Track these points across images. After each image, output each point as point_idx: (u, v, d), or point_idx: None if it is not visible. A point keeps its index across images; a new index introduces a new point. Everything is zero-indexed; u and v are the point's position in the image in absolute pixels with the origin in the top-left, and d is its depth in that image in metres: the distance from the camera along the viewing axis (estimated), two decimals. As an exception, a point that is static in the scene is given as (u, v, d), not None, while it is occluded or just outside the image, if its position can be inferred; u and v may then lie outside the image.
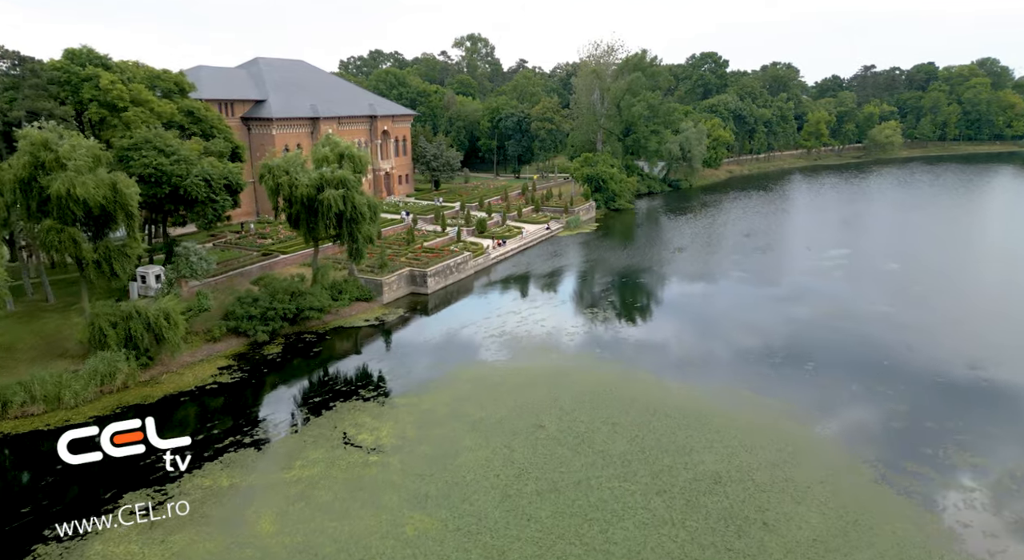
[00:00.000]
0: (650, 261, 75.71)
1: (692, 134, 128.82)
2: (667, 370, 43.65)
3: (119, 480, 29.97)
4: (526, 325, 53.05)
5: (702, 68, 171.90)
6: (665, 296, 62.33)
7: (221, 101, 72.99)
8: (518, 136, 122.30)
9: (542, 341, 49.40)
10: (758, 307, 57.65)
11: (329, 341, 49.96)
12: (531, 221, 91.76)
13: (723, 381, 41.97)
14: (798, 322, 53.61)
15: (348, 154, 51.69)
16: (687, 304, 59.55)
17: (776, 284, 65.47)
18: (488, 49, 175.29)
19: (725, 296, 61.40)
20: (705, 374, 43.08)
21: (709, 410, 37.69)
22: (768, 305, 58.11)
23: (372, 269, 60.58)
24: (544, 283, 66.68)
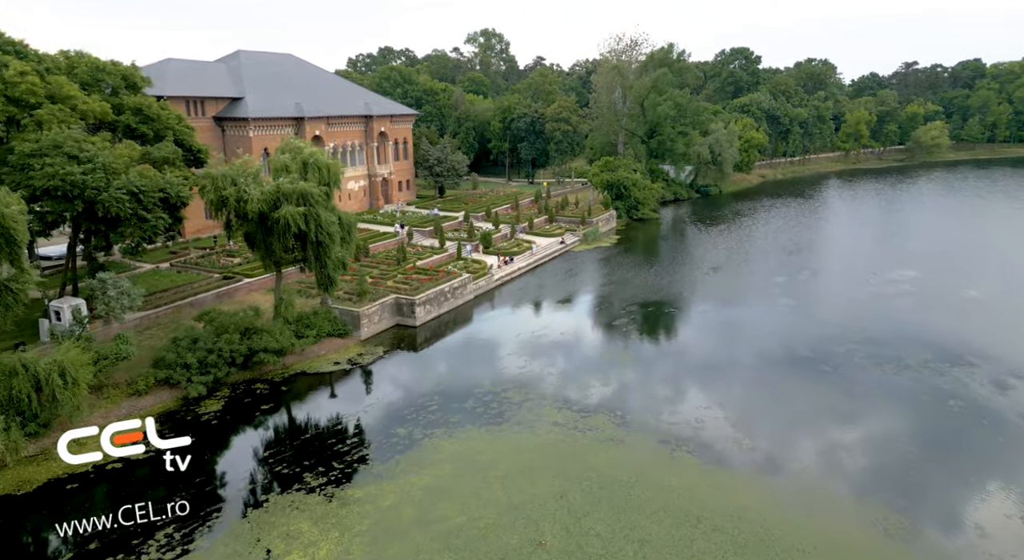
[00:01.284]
0: (680, 284, 65.15)
1: (722, 135, 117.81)
2: (713, 451, 33.18)
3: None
4: (529, 371, 43.03)
5: (732, 65, 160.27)
6: (703, 335, 51.63)
7: (189, 98, 64.07)
8: (531, 138, 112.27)
9: (549, 397, 39.29)
10: (826, 354, 46.46)
11: (286, 392, 40.36)
12: (544, 233, 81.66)
13: (794, 472, 31.49)
14: (888, 381, 41.69)
15: (313, 162, 42.08)
16: (731, 348, 48.68)
17: (841, 320, 53.91)
18: (503, 45, 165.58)
19: (777, 337, 50.51)
20: (767, 460, 32.56)
21: (777, 520, 27.29)
22: (839, 352, 46.46)
23: (350, 297, 50.96)
24: (554, 313, 56.51)
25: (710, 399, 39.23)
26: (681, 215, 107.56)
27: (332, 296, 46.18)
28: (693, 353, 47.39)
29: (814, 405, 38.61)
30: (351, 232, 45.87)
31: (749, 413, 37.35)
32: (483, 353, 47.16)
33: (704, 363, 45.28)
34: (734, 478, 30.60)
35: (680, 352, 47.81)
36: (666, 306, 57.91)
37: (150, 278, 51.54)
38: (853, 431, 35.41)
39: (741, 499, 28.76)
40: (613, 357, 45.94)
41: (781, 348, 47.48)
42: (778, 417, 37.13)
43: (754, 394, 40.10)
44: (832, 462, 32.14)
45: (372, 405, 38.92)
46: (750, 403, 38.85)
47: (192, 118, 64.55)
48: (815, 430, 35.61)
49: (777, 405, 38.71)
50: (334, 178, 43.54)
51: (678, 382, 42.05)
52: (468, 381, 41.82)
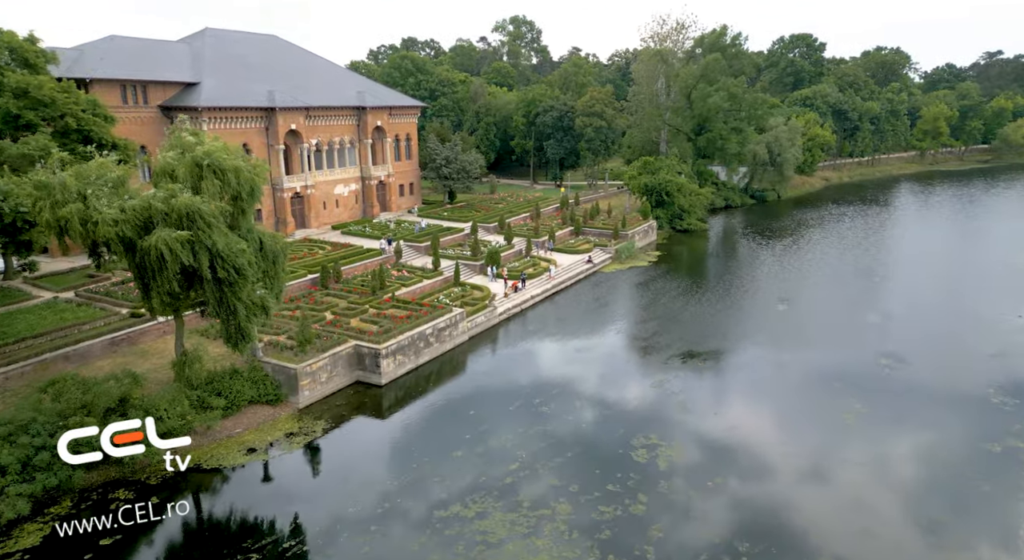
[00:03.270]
0: (743, 323, 49.95)
1: (783, 132, 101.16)
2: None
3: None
4: (530, 474, 28.90)
5: (791, 53, 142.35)
6: (786, 420, 36.53)
7: (126, 82, 51.88)
8: (559, 135, 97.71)
9: (562, 526, 25.09)
10: (987, 462, 31.21)
11: (158, 506, 27.04)
12: (568, 249, 67.25)
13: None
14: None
15: (210, 164, 28.67)
16: (844, 446, 33.67)
17: (998, 391, 38.53)
18: (534, 33, 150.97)
19: (902, 423, 35.17)
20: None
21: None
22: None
23: (292, 348, 37.60)
24: (573, 365, 42.09)
25: (812, 534, 24.36)
26: (734, 225, 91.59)
27: (244, 352, 32.74)
28: (775, 451, 32.38)
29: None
30: (278, 263, 32.41)
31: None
32: (472, 433, 33.17)
33: (798, 473, 30.26)
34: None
35: (752, 447, 32.83)
36: (730, 361, 42.84)
37: (35, 314, 39.13)
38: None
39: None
40: (654, 454, 31.32)
41: (920, 452, 32.11)
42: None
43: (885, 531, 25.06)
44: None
45: (289, 532, 25.31)
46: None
47: (128, 107, 52.43)
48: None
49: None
50: (247, 188, 30.09)
51: (754, 500, 27.25)
52: (447, 488, 27.94)
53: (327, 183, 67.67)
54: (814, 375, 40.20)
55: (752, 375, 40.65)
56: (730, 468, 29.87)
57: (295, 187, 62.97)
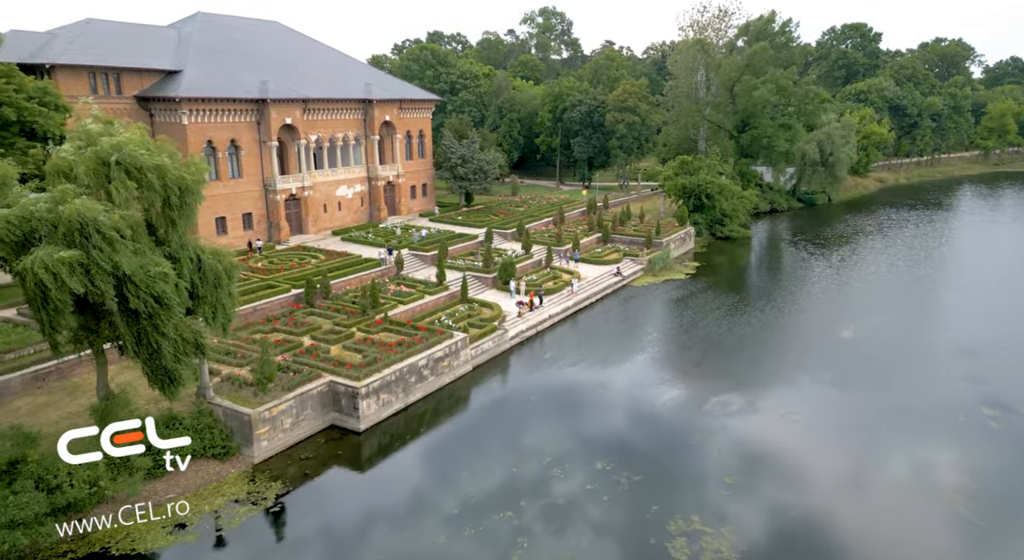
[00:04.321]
0: (802, 356, 41.71)
1: (835, 129, 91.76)
2: None
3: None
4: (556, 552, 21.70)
5: (843, 44, 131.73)
6: (875, 502, 28.28)
7: (95, 69, 46.13)
8: (587, 131, 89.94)
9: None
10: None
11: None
12: (594, 259, 59.66)
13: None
14: None
15: (125, 161, 22.07)
16: (945, 550, 25.57)
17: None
18: (565, 25, 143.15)
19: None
20: None
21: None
22: None
23: (251, 386, 30.96)
24: (591, 414, 34.58)
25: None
26: (781, 232, 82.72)
27: (174, 398, 26.02)
28: (869, 549, 24.43)
29: None
30: (222, 285, 25.68)
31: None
32: (462, 507, 26.04)
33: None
34: None
35: (843, 546, 24.92)
36: (790, 406, 34.77)
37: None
38: None
39: None
40: (703, 544, 23.69)
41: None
42: None
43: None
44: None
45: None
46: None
47: (98, 97, 46.62)
48: None
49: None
50: (175, 192, 23.43)
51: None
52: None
53: (328, 184, 61.34)
54: (900, 431, 31.93)
55: (820, 429, 32.56)
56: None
57: (290, 188, 56.74)
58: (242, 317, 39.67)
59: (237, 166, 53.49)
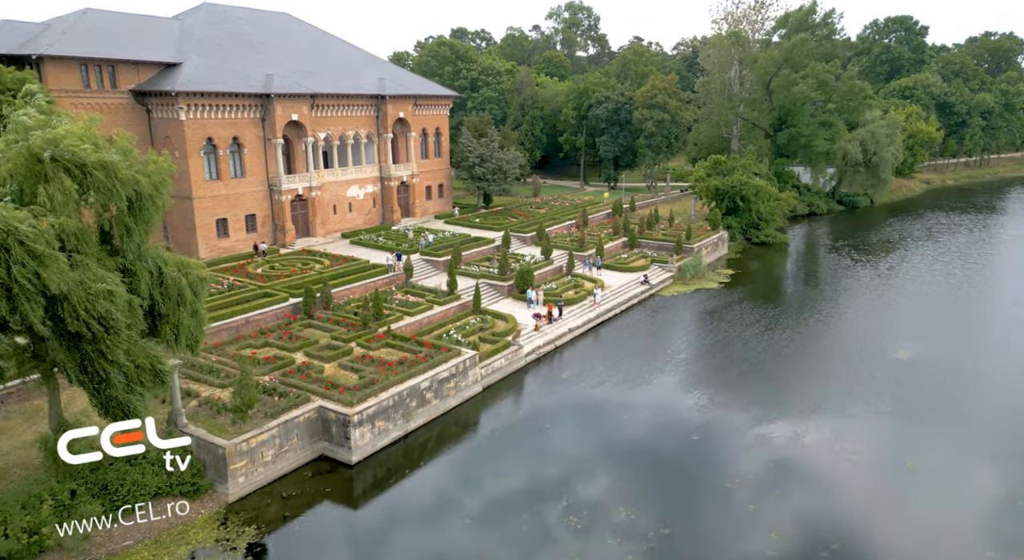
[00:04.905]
0: (854, 380, 36.94)
1: (880, 128, 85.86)
2: None
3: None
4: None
5: (887, 38, 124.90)
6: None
7: (87, 61, 43.33)
8: (614, 129, 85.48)
9: None
10: None
11: None
12: (619, 266, 55.46)
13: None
14: None
15: (64, 158, 18.73)
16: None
17: None
18: (592, 20, 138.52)
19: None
20: None
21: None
22: None
23: (231, 412, 27.53)
24: (614, 450, 30.46)
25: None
26: (820, 237, 77.43)
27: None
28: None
29: None
30: (185, 302, 22.24)
31: None
32: (475, 551, 22.31)
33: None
34: None
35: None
36: (846, 443, 30.24)
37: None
38: None
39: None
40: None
41: None
42: None
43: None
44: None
45: None
46: None
47: (90, 92, 44.05)
48: None
49: None
50: (129, 194, 20.04)
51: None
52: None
53: (338, 184, 58.09)
54: (984, 479, 27.25)
55: (885, 472, 27.98)
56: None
57: (296, 189, 53.58)
58: (233, 329, 36.49)
59: (240, 165, 50.49)
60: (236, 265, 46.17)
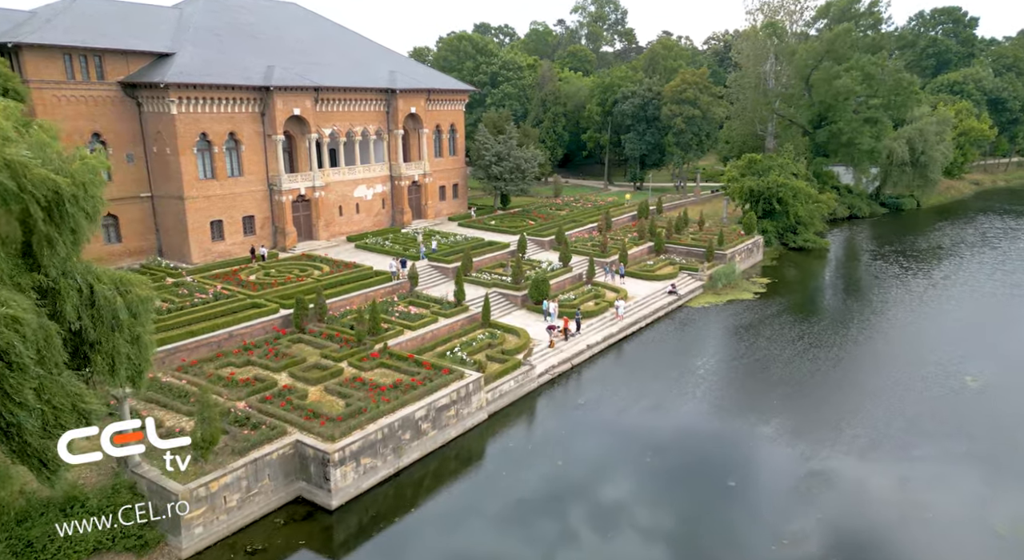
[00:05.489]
0: (918, 411, 32.02)
1: (929, 125, 79.95)
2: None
3: None
4: None
5: (933, 31, 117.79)
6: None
7: (72, 51, 40.27)
8: (640, 126, 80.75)
9: None
10: None
11: None
12: (644, 273, 51.02)
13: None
14: None
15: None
16: None
17: None
18: (618, 14, 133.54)
19: None
20: None
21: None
22: None
23: (197, 447, 23.84)
24: (639, 500, 26.18)
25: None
26: (863, 243, 71.89)
27: (52, 482, 18.98)
28: None
29: None
30: (121, 327, 18.56)
31: None
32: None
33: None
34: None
35: None
36: (921, 494, 25.54)
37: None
38: None
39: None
40: None
41: None
42: None
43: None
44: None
45: None
46: None
47: (75, 83, 41.03)
48: None
49: None
50: (43, 197, 16.39)
51: None
52: None
53: (344, 184, 54.58)
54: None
55: (970, 543, 23.20)
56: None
57: (298, 188, 50.15)
58: (214, 345, 33.01)
59: (237, 163, 47.20)
60: (229, 271, 42.79)
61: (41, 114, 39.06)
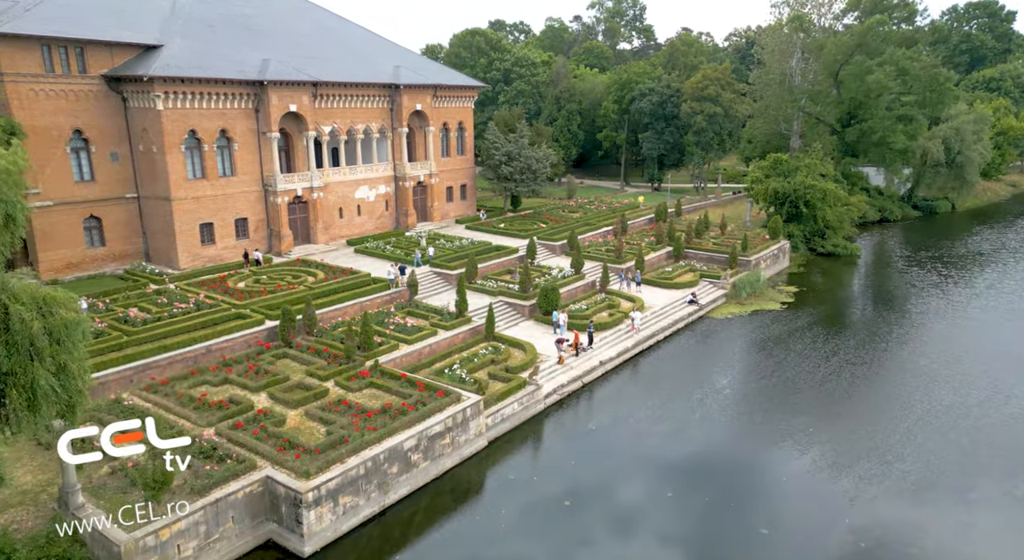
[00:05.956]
0: (968, 448, 28.21)
1: (966, 123, 75.42)
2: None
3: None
4: None
5: (968, 25, 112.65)
6: None
7: (51, 41, 37.75)
8: (659, 125, 77.14)
9: None
10: None
11: None
12: (662, 281, 47.58)
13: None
14: None
15: None
16: None
17: None
18: (637, 10, 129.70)
19: None
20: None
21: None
22: None
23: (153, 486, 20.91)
24: (653, 535, 22.82)
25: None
26: (896, 248, 67.71)
27: None
28: None
29: None
30: (42, 354, 15.67)
31: None
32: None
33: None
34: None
35: None
36: (984, 553, 22.00)
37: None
38: None
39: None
40: None
41: None
42: None
43: None
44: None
45: None
46: None
47: (54, 77, 38.55)
48: None
49: None
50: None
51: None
52: None
53: (344, 184, 51.74)
54: None
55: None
56: None
57: (295, 189, 47.37)
58: (190, 360, 30.20)
59: (229, 162, 44.54)
60: (217, 278, 40.04)
61: (17, 110, 36.76)
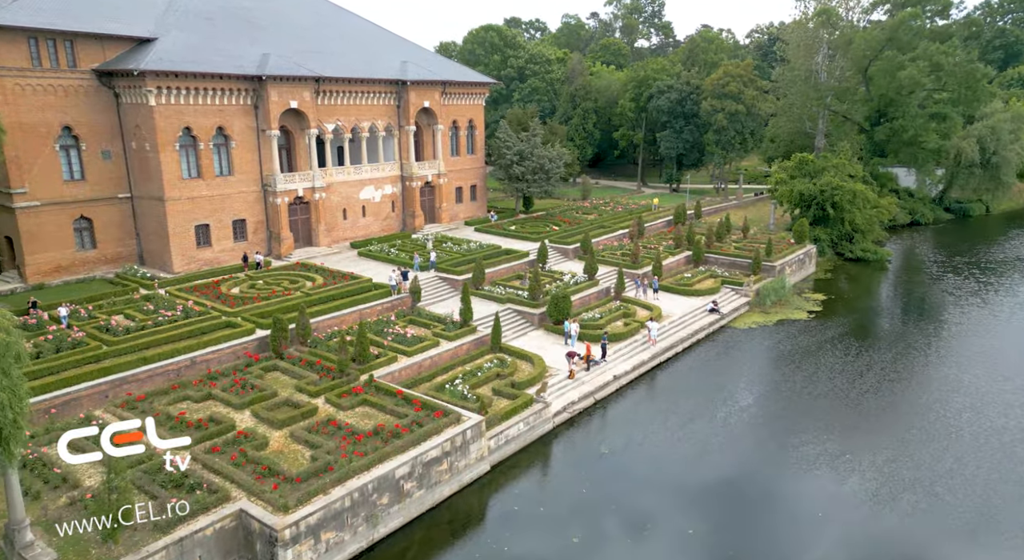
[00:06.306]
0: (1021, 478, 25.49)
1: (1002, 122, 71.61)
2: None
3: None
4: None
5: (1002, 20, 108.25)
6: None
7: (38, 34, 36.01)
8: (678, 123, 74.26)
9: None
10: None
11: None
12: (681, 288, 44.91)
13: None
14: None
15: None
16: None
17: None
18: (656, 6, 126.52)
19: None
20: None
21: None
22: None
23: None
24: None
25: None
26: (929, 253, 64.24)
27: None
28: None
29: None
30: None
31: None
32: None
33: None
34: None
35: None
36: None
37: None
38: None
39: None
40: None
41: None
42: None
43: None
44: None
45: None
46: None
47: (42, 70, 36.82)
48: None
49: None
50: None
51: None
52: None
53: (348, 185, 49.68)
54: None
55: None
56: None
57: (296, 189, 45.36)
58: (173, 373, 28.13)
59: (226, 161, 42.61)
60: (211, 283, 38.06)
61: (2, 105, 35.03)
